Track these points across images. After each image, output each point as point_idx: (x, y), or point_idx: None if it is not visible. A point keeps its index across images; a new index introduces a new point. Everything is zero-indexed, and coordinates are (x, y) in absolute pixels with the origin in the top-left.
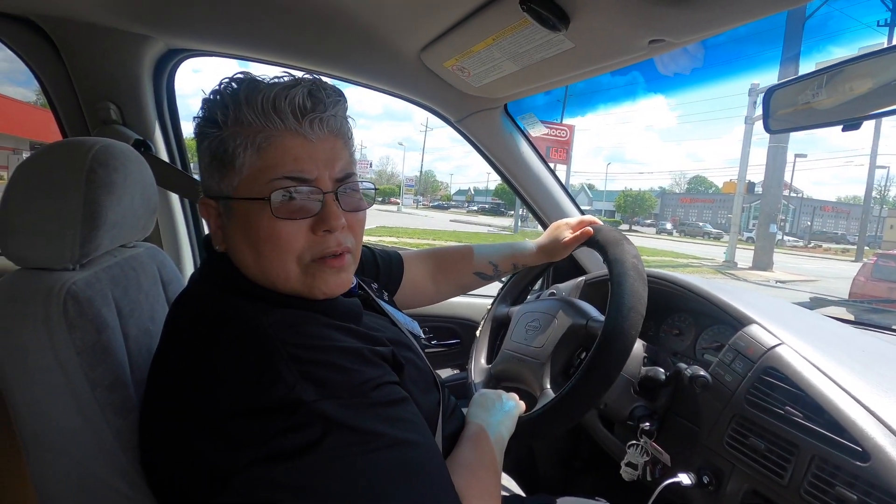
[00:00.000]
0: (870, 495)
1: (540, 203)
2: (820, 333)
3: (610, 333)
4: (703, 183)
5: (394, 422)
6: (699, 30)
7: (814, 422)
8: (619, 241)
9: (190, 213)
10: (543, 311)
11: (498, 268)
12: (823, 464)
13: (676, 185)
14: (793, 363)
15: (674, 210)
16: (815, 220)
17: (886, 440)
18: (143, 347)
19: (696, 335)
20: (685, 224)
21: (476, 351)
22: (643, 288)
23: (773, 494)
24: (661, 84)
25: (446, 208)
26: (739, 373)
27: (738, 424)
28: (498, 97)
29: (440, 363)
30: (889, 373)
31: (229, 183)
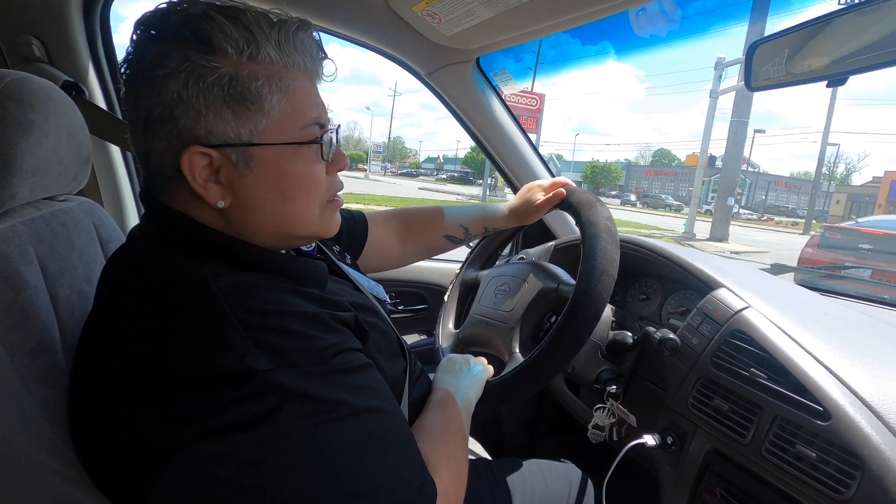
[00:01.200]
0: (828, 453)
1: (511, 165)
2: (785, 298)
3: (581, 297)
4: (667, 156)
5: (356, 389)
6: None
7: (778, 383)
8: (592, 202)
9: (133, 167)
10: (513, 274)
11: (469, 231)
12: (785, 423)
13: (642, 158)
14: (759, 326)
15: (638, 182)
16: (769, 194)
17: (846, 400)
18: (77, 310)
19: (662, 300)
20: (648, 196)
21: (444, 316)
22: (616, 251)
23: (734, 454)
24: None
25: (415, 176)
26: (707, 336)
27: (702, 386)
28: (470, 48)
29: (407, 329)
30: (851, 335)
31: (252, 127)
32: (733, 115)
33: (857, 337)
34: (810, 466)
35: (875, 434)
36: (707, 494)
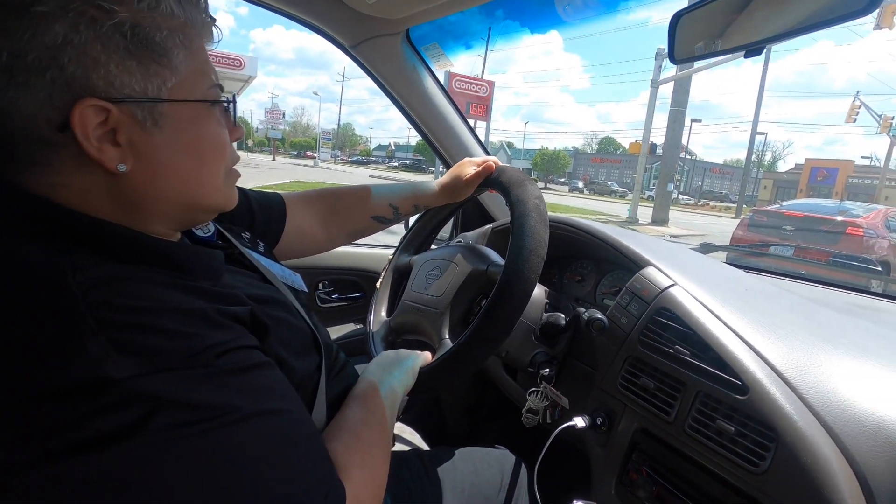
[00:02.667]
0: (746, 426)
1: (444, 143)
2: (710, 275)
3: (509, 278)
4: (613, 144)
5: (248, 391)
6: None
7: (700, 359)
8: (522, 181)
9: None
10: (443, 258)
11: (398, 210)
12: (707, 399)
13: (588, 146)
14: (684, 303)
15: (585, 169)
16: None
17: (763, 373)
18: None
19: (596, 281)
20: (595, 183)
21: (376, 303)
22: (544, 230)
23: (659, 431)
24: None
25: (366, 164)
26: (634, 314)
27: (630, 365)
28: (397, 19)
29: (343, 318)
30: (770, 309)
31: (161, 83)
32: (672, 104)
33: (774, 311)
34: (729, 441)
35: (788, 406)
36: (634, 473)
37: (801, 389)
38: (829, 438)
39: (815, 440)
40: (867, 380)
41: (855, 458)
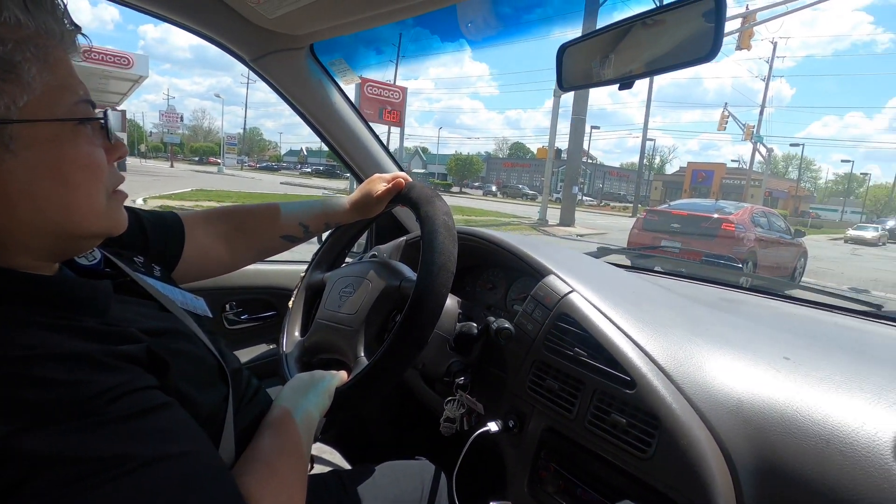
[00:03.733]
0: (635, 417)
1: (355, 158)
2: (603, 279)
3: (421, 293)
4: (522, 149)
5: (146, 436)
6: None
7: (596, 359)
8: (430, 198)
9: None
10: (356, 274)
11: (309, 228)
12: (602, 395)
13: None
14: (581, 308)
15: (498, 173)
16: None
17: (648, 368)
18: None
19: (506, 288)
20: (507, 186)
21: (289, 323)
22: (453, 245)
23: (564, 428)
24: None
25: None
26: (539, 321)
27: (537, 369)
28: (299, 34)
29: (254, 339)
30: (652, 309)
31: (10, 102)
32: (573, 113)
33: (656, 310)
34: (622, 431)
35: (669, 396)
36: (543, 471)
37: (678, 380)
38: (701, 422)
39: (690, 424)
40: (728, 367)
41: (721, 437)
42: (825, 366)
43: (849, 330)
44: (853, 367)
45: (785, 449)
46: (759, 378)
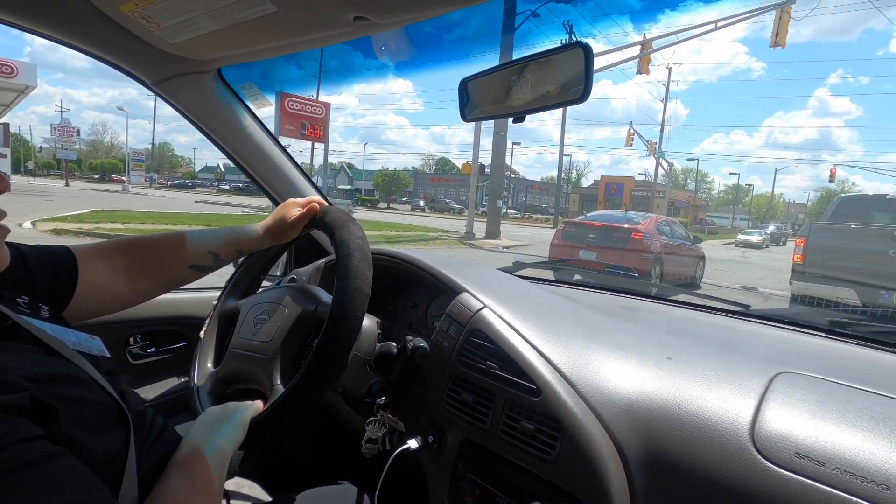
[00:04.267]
0: (542, 423)
1: (270, 181)
2: (512, 294)
3: (336, 317)
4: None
5: (31, 490)
6: (401, 12)
7: (506, 370)
8: (345, 222)
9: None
10: (272, 300)
11: (219, 257)
12: (513, 404)
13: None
14: (492, 323)
15: (425, 188)
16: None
17: (552, 376)
18: None
19: (427, 306)
20: (435, 201)
21: (200, 354)
22: (368, 268)
23: (479, 439)
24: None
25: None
26: (453, 337)
27: (453, 384)
28: (205, 59)
29: (163, 373)
30: (556, 321)
31: None
32: (495, 129)
33: (560, 321)
34: (530, 437)
35: (570, 400)
36: (461, 482)
37: (578, 385)
38: (597, 421)
39: (588, 425)
40: (620, 369)
41: (614, 434)
42: (700, 362)
43: (723, 329)
44: (723, 362)
45: (667, 440)
46: (646, 377)
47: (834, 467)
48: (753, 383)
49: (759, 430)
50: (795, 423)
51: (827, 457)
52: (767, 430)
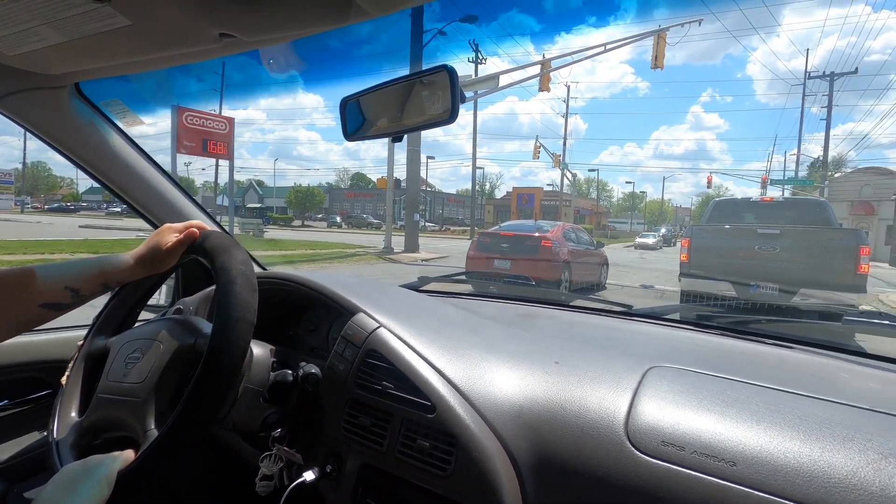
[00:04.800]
0: (437, 439)
1: (146, 204)
2: (410, 311)
3: (215, 349)
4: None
5: None
6: (268, 31)
7: (402, 389)
8: (227, 247)
9: None
10: (146, 336)
11: (79, 292)
12: (409, 424)
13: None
14: (388, 342)
15: (341, 204)
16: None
17: (446, 391)
18: None
19: (328, 329)
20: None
21: (62, 403)
22: (252, 295)
23: (378, 462)
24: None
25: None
26: (349, 360)
27: (350, 408)
28: (55, 74)
29: (21, 428)
30: (453, 334)
31: None
32: (409, 144)
33: (457, 334)
34: (427, 455)
35: (464, 413)
36: None
37: (472, 397)
38: (490, 432)
39: (481, 437)
40: (511, 377)
41: (507, 443)
42: (584, 364)
43: (608, 329)
44: (605, 362)
45: (554, 442)
46: (535, 383)
47: (692, 451)
48: (629, 379)
49: (633, 423)
50: (662, 414)
51: (687, 442)
52: (639, 422)
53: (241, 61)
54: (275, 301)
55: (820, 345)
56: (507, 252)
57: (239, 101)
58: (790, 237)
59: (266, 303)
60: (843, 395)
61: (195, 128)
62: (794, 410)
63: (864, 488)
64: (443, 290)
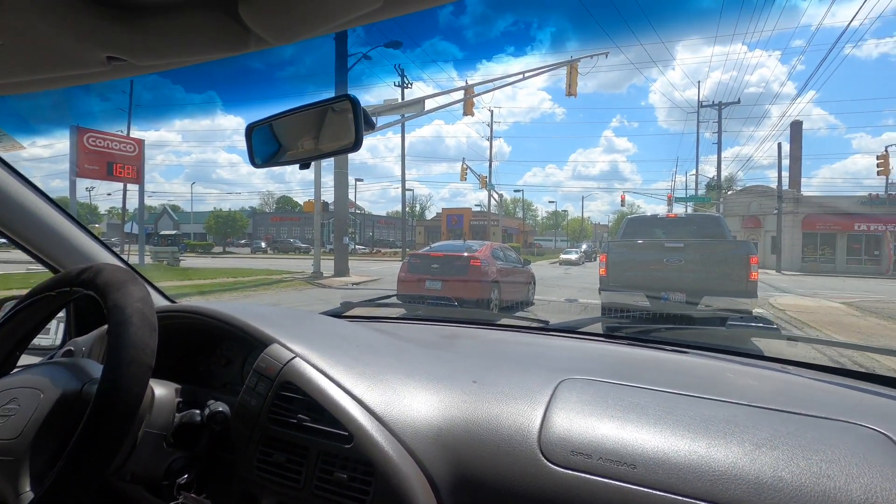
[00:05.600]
0: (356, 470)
1: (35, 242)
2: (329, 339)
3: (104, 396)
4: (290, 202)
5: None
6: (161, 56)
7: (319, 421)
8: (122, 283)
9: None
10: (23, 384)
11: None
12: (326, 456)
13: (266, 205)
14: (304, 372)
15: (267, 229)
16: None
17: (364, 419)
18: None
19: (242, 362)
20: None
21: None
22: (149, 335)
23: (294, 500)
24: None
25: None
26: (262, 394)
27: (264, 445)
28: None
29: None
30: (373, 360)
31: None
32: (336, 167)
33: (377, 360)
34: (345, 487)
35: (382, 441)
36: None
37: (391, 423)
38: (409, 457)
39: (400, 463)
40: (430, 400)
41: (426, 466)
42: (502, 381)
43: (526, 345)
44: (521, 378)
45: (471, 461)
46: (453, 404)
47: (598, 457)
48: (542, 393)
49: (545, 435)
50: (571, 424)
51: (593, 449)
52: (551, 434)
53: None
54: (183, 336)
55: (710, 348)
56: (438, 273)
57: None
58: (692, 250)
59: (173, 338)
60: (726, 394)
61: (98, 150)
62: (686, 411)
63: (742, 477)
64: (367, 314)
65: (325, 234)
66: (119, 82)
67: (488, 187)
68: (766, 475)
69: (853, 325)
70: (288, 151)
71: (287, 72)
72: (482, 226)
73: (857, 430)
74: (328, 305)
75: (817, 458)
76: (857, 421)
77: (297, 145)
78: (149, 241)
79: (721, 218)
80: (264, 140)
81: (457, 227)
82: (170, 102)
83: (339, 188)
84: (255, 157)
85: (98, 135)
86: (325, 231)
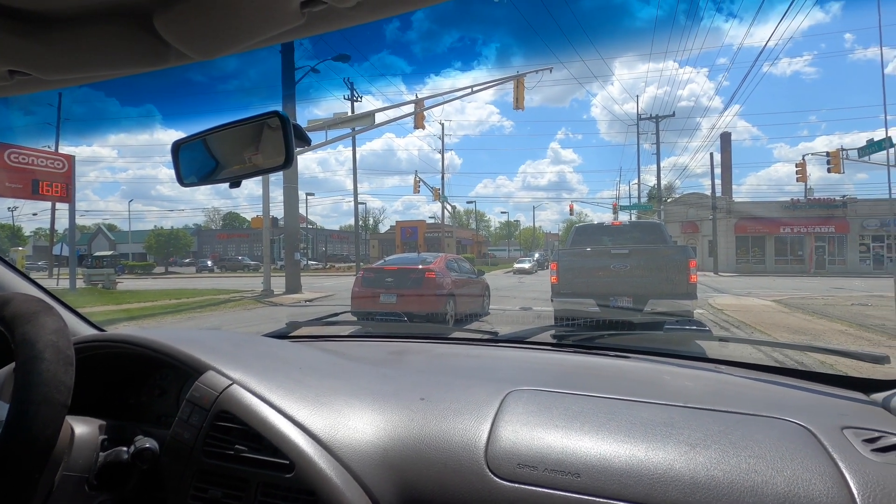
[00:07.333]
0: (297, 500)
1: None
2: (269, 362)
3: (10, 441)
4: (238, 219)
5: None
6: (73, 70)
7: (258, 451)
8: (33, 314)
9: None
10: None
11: None
12: (266, 488)
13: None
14: (241, 400)
15: (213, 247)
16: (329, 246)
17: (307, 445)
18: None
19: (178, 391)
20: (225, 259)
21: None
22: (65, 370)
23: None
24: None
25: None
26: (196, 426)
27: (199, 480)
28: None
29: None
30: (317, 382)
31: None
32: (285, 181)
33: (320, 383)
34: None
35: (325, 466)
36: None
37: (335, 447)
38: (354, 482)
39: (343, 488)
40: (375, 420)
41: (372, 491)
42: (449, 397)
43: (474, 358)
44: (468, 392)
45: (419, 481)
46: (400, 423)
47: (544, 469)
48: (489, 406)
49: (491, 450)
50: (517, 437)
51: (539, 461)
52: (497, 448)
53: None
54: (112, 367)
55: (650, 352)
56: (393, 286)
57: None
58: (636, 256)
59: (98, 371)
60: (664, 396)
61: (22, 167)
62: (627, 416)
63: (679, 478)
64: (314, 334)
65: (275, 250)
66: (45, 95)
67: (441, 199)
68: (701, 474)
69: (783, 321)
70: (218, 169)
71: (231, 84)
72: (436, 237)
73: (781, 424)
74: (278, 324)
75: (746, 455)
76: (782, 416)
77: (228, 162)
78: (81, 264)
79: (662, 225)
80: (193, 158)
81: (411, 239)
82: (103, 116)
83: (290, 203)
84: (183, 176)
85: (21, 151)
86: (275, 247)
